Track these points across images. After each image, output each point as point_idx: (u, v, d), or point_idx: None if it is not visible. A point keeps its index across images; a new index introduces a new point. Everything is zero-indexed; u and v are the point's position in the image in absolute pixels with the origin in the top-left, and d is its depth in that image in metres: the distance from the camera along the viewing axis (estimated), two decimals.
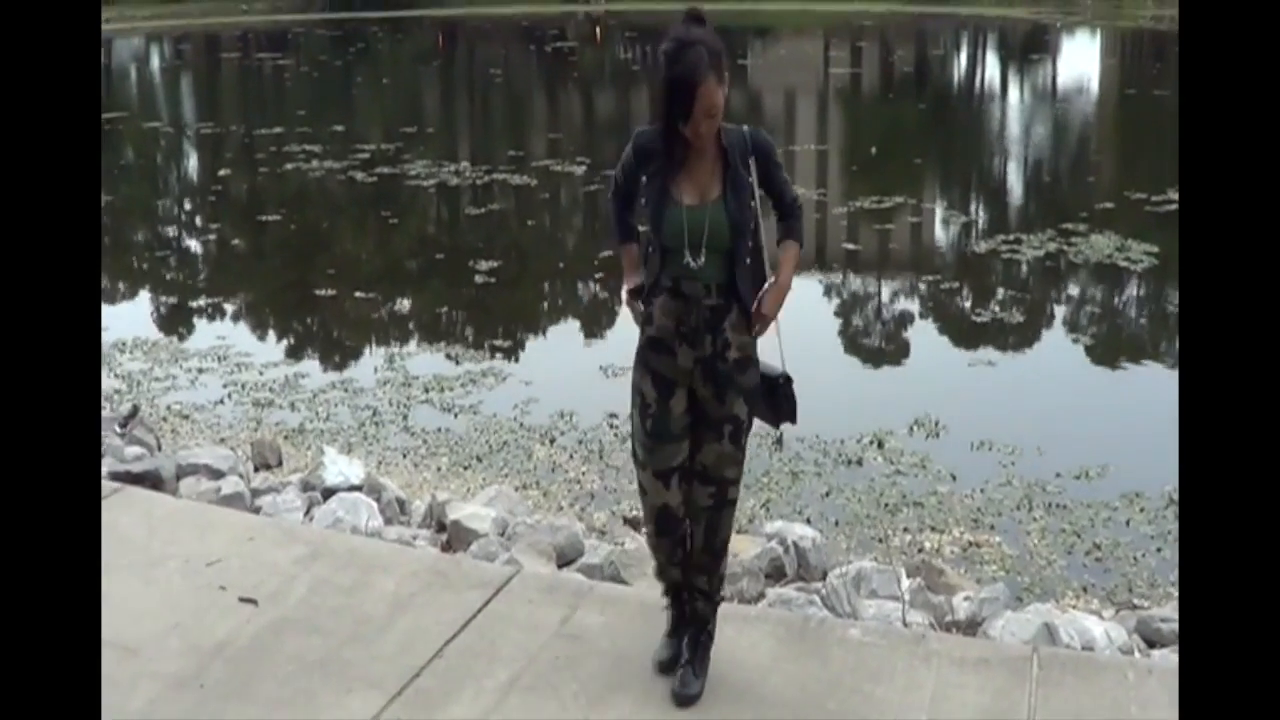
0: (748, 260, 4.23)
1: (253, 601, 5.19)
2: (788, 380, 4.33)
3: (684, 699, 4.50)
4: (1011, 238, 15.09)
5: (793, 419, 4.39)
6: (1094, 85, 37.19)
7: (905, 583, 5.97)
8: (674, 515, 4.43)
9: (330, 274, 14.13)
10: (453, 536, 6.57)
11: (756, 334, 4.28)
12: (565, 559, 6.25)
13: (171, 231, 18.50)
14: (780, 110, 31.11)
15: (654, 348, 4.33)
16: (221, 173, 20.59)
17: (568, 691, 4.59)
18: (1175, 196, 16.73)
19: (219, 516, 6.26)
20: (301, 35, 56.61)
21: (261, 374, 10.45)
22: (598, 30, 57.98)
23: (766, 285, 4.27)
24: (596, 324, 12.79)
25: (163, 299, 13.82)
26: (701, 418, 4.33)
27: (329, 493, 7.15)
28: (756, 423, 4.45)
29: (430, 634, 4.97)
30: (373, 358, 11.11)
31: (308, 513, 6.88)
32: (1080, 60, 46.34)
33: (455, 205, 18.55)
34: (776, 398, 4.34)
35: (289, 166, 21.06)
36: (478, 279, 13.63)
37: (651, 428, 4.33)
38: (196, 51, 52.73)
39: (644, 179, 4.29)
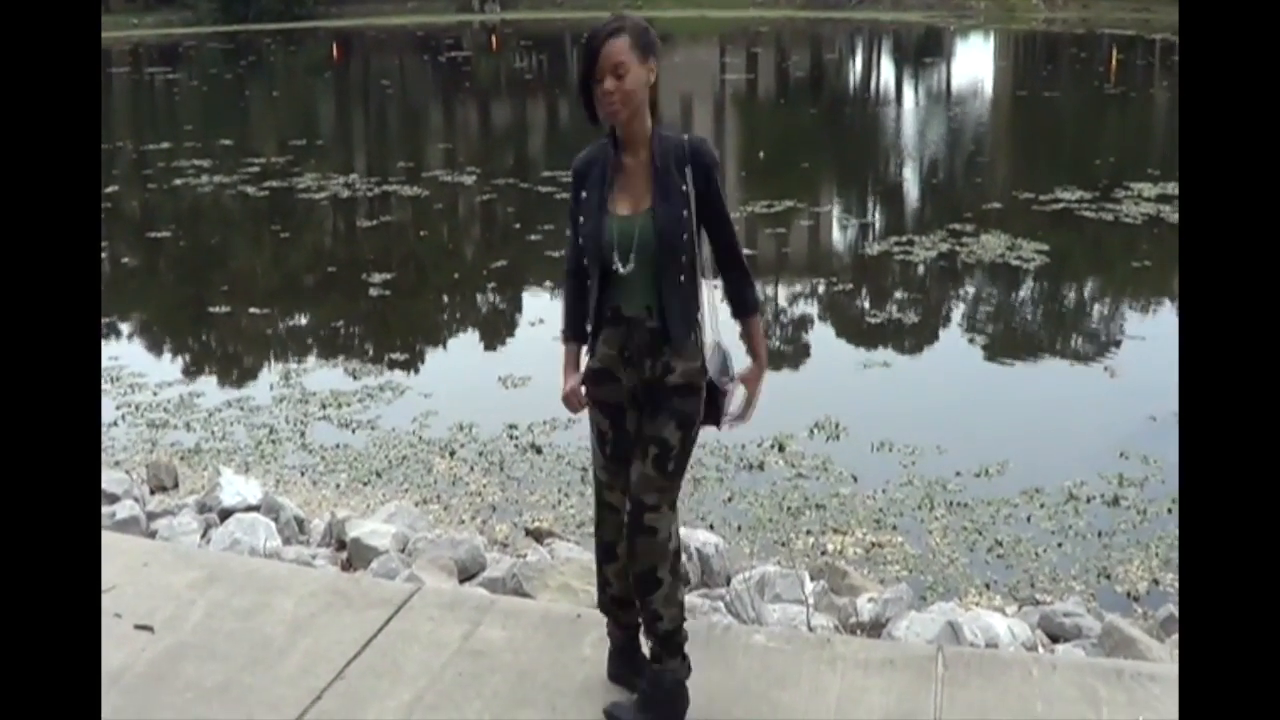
0: (681, 278, 4.04)
1: (148, 628, 5.08)
2: (711, 384, 4.19)
3: None
4: (905, 239, 15.25)
5: (715, 422, 4.30)
6: (987, 88, 37.71)
7: (809, 586, 5.98)
8: None
9: (224, 290, 13.94)
10: (353, 554, 6.49)
11: (745, 417, 4.28)
12: (467, 573, 6.19)
13: None
14: (676, 117, 31.17)
15: (597, 379, 4.20)
16: (110, 189, 20.22)
17: (471, 709, 4.53)
18: (1061, 196, 17.05)
19: (113, 542, 6.11)
20: (193, 49, 55.89)
21: (156, 394, 10.27)
22: (494, 39, 57.82)
23: (743, 370, 4.26)
24: (495, 334, 12.72)
25: None
26: (635, 435, 4.19)
27: (226, 514, 7.04)
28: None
29: (331, 655, 4.90)
30: (269, 375, 10.97)
31: (204, 535, 6.77)
32: (973, 63, 47.01)
33: (348, 218, 18.37)
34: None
35: (178, 182, 20.77)
36: (373, 292, 13.51)
37: (612, 452, 4.22)
38: None
39: (583, 195, 4.09)
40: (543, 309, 12.96)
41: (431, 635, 5.03)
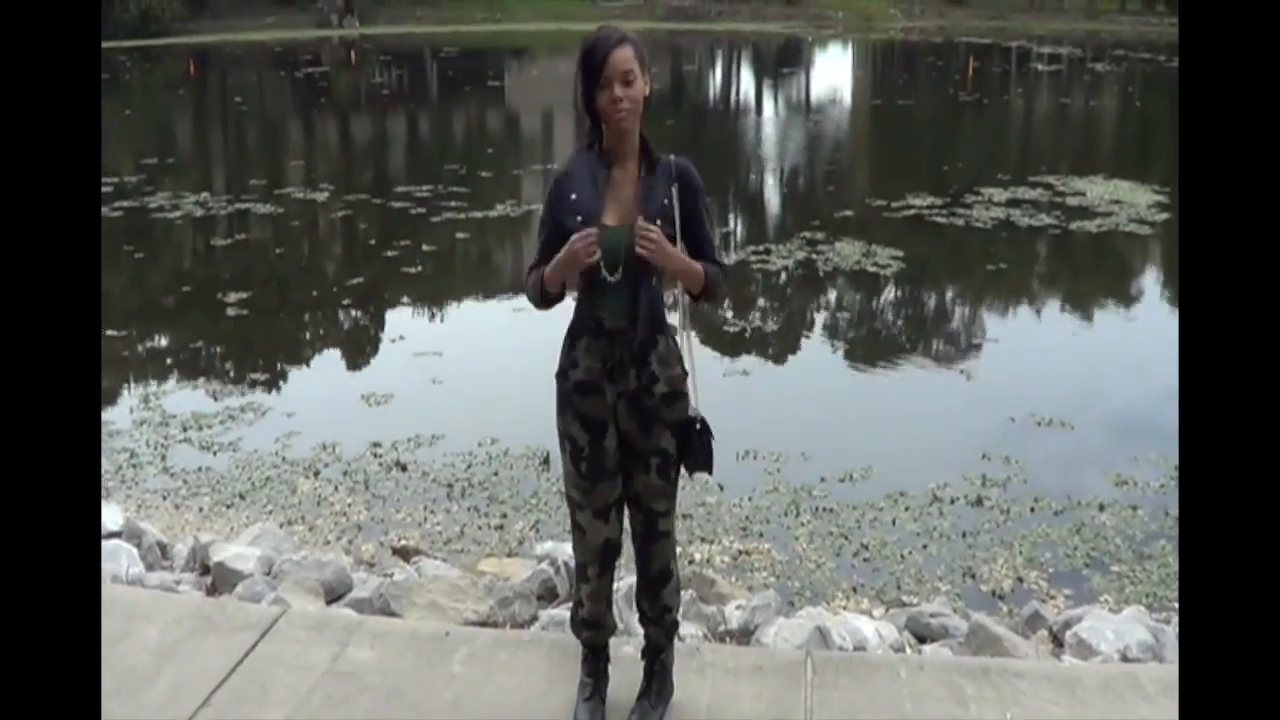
0: (661, 292, 4.11)
1: None
2: (703, 425, 4.26)
3: None
4: (762, 248, 15.43)
5: (706, 468, 4.34)
6: (844, 97, 38.24)
7: None
8: (616, 547, 4.40)
9: None
10: (217, 579, 6.39)
11: (642, 248, 3.93)
12: (334, 594, 6.13)
13: None
14: (538, 130, 31.28)
15: (581, 390, 4.17)
16: None
17: None
18: (914, 202, 17.35)
19: None
20: None
21: None
22: (352, 55, 57.25)
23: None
24: (356, 352, 12.58)
25: None
26: (629, 450, 4.23)
27: None
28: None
29: (197, 682, 4.82)
30: (128, 398, 10.73)
31: None
32: (832, 73, 47.72)
33: (204, 237, 18.01)
34: (690, 442, 4.27)
35: None
36: (231, 311, 13.29)
37: (586, 470, 4.22)
38: None
39: (573, 197, 4.06)
40: (403, 325, 12.90)
41: (299, 658, 4.98)
